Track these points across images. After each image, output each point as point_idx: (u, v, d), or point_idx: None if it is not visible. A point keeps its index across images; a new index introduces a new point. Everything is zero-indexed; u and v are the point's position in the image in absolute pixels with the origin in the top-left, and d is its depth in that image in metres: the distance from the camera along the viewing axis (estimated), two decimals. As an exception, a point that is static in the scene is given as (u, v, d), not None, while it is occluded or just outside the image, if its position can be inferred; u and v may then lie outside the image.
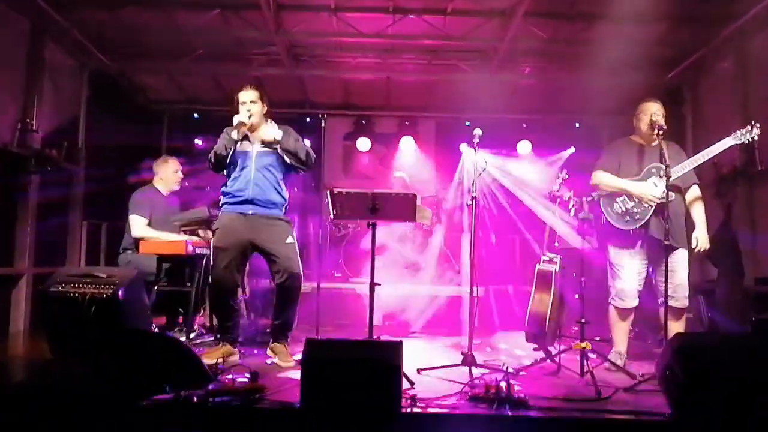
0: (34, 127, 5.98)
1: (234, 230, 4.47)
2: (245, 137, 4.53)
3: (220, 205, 4.65)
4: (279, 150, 4.50)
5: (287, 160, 4.52)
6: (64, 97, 6.78)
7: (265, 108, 4.60)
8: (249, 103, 4.49)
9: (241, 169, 4.51)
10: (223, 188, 4.63)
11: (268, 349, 4.61)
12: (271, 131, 4.52)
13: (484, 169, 4.52)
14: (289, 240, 4.53)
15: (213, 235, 4.63)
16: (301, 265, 4.56)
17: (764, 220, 5.63)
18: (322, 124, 4.61)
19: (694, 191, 4.58)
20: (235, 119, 4.41)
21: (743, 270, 5.60)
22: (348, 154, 9.62)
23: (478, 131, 4.39)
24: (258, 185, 4.48)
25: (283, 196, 4.61)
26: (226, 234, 4.48)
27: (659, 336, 5.65)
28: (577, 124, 8.97)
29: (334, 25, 6.46)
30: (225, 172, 4.60)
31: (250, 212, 4.47)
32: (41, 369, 4.10)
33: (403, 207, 3.94)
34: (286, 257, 4.46)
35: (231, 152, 4.47)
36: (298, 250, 4.58)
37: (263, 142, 4.53)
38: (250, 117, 4.44)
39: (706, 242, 4.51)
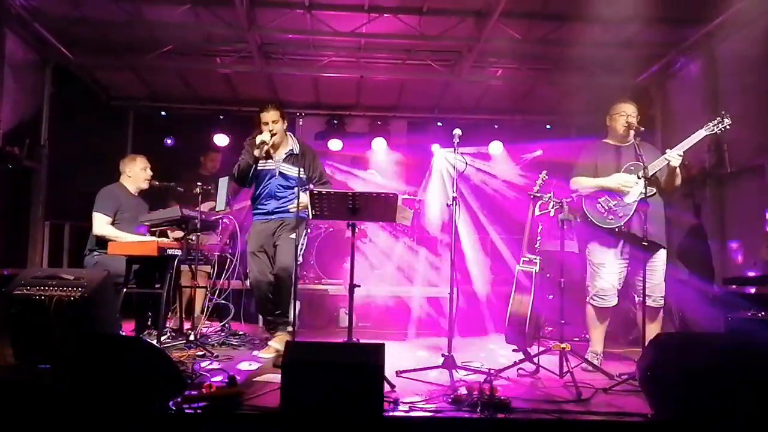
0: (-6, 124, 5.76)
1: (262, 236, 4.94)
2: (268, 156, 4.90)
3: (253, 213, 5.14)
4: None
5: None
6: (26, 92, 6.53)
7: (285, 123, 4.97)
8: (271, 123, 4.84)
9: (265, 186, 4.97)
10: (253, 201, 5.13)
11: (268, 344, 4.80)
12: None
13: (463, 171, 4.49)
14: (292, 235, 4.71)
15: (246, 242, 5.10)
16: (295, 260, 4.57)
17: (733, 221, 5.73)
18: (300, 123, 4.56)
19: None
20: (258, 139, 4.77)
21: (713, 270, 5.68)
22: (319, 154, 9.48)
23: (457, 131, 4.36)
24: (279, 199, 4.95)
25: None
26: (256, 240, 4.95)
27: (630, 336, 5.74)
28: (548, 126, 9.03)
29: (308, 22, 6.37)
30: (248, 185, 5.05)
31: (273, 218, 4.97)
32: (5, 373, 3.90)
33: (383, 207, 3.87)
34: (283, 250, 4.76)
35: (254, 168, 4.88)
36: (298, 246, 4.65)
37: (285, 161, 4.94)
38: (272, 137, 4.79)
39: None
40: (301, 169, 4.77)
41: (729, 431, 2.99)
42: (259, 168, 4.92)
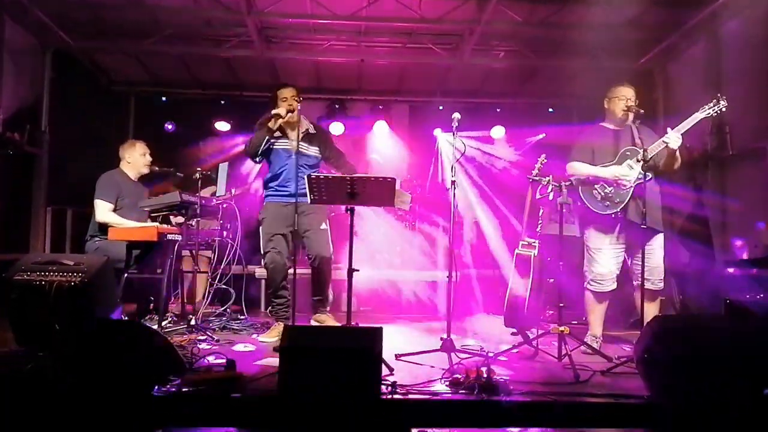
0: (-6, 110, 5.76)
1: (279, 219, 4.89)
2: (285, 134, 4.93)
3: (264, 196, 5.08)
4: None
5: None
6: (25, 78, 6.52)
7: (300, 106, 4.92)
8: (290, 99, 4.86)
9: (283, 166, 4.93)
10: (268, 182, 5.04)
11: (311, 320, 5.06)
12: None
13: (463, 153, 4.46)
14: (323, 226, 4.97)
15: (260, 224, 5.00)
16: (332, 249, 5.04)
17: (734, 204, 5.70)
18: (299, 107, 4.55)
19: None
20: (274, 111, 4.80)
21: (714, 253, 5.67)
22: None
23: (456, 115, 4.33)
24: (299, 181, 4.71)
25: None
26: (273, 222, 4.91)
27: (631, 319, 5.74)
28: (551, 109, 8.99)
29: (308, 6, 6.32)
30: (258, 159, 4.97)
31: (293, 201, 4.74)
32: (7, 359, 3.93)
33: (381, 191, 3.85)
34: (318, 242, 4.91)
35: (266, 142, 4.84)
36: (330, 236, 5.03)
37: (302, 140, 4.83)
38: (287, 113, 4.75)
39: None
40: (318, 148, 5.04)
41: (725, 413, 3.00)
42: (276, 147, 4.93)
